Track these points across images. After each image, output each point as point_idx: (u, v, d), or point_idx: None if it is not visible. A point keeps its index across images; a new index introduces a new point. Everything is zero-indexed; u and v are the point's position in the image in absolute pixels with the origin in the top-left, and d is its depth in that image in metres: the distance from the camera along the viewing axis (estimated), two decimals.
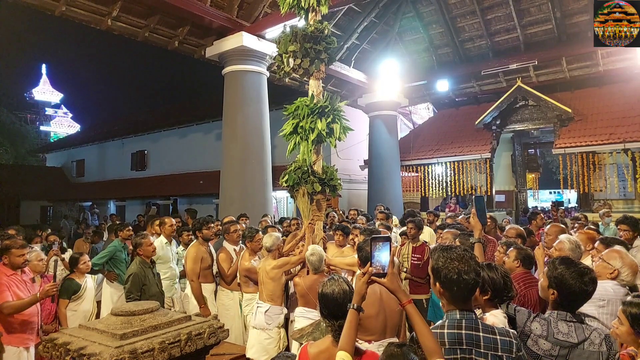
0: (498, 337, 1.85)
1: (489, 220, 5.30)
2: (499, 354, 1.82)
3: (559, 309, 2.23)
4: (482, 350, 1.82)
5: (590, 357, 2.10)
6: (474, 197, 3.27)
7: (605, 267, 2.96)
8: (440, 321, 1.94)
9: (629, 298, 2.34)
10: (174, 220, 6.01)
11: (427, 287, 5.20)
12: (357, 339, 3.10)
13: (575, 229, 5.70)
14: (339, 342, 1.90)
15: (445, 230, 5.03)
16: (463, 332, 1.84)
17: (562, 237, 3.58)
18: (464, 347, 1.82)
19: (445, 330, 1.86)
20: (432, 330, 1.86)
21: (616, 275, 2.91)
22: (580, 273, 2.20)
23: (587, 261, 3.42)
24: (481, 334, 1.84)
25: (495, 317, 2.35)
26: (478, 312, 2.33)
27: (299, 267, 4.55)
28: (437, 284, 1.92)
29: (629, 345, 2.12)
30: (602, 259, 3.03)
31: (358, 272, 2.68)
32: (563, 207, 10.74)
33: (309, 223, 4.41)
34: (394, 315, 3.09)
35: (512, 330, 2.01)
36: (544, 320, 2.22)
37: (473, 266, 1.87)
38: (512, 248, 3.59)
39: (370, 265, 1.86)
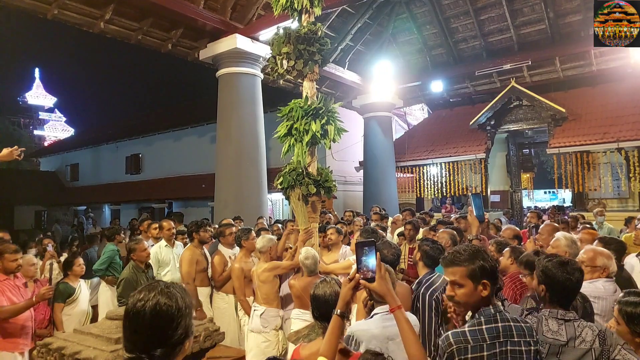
0: (522, 324, 1.91)
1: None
2: (527, 339, 1.88)
3: (552, 305, 2.23)
4: (515, 340, 1.86)
5: (581, 355, 2.09)
6: (471, 194, 3.32)
7: (593, 270, 2.96)
8: (474, 319, 1.93)
9: (620, 295, 2.36)
10: (172, 223, 5.99)
11: None
12: None
13: (579, 229, 5.71)
14: (321, 348, 1.89)
15: (440, 231, 5.04)
16: (499, 325, 1.87)
17: (558, 234, 3.62)
18: (501, 339, 1.85)
19: (484, 327, 1.87)
20: (469, 329, 1.87)
21: (607, 273, 2.94)
22: (562, 263, 2.24)
23: None
24: (512, 323, 1.89)
25: None
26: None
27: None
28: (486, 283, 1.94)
29: (630, 344, 2.12)
30: (586, 264, 2.96)
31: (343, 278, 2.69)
32: (565, 211, 10.76)
33: (305, 230, 4.38)
34: None
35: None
36: (535, 318, 2.24)
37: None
38: (507, 248, 3.66)
39: (358, 271, 1.84)
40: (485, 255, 1.93)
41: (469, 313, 2.29)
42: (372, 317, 2.50)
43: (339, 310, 1.88)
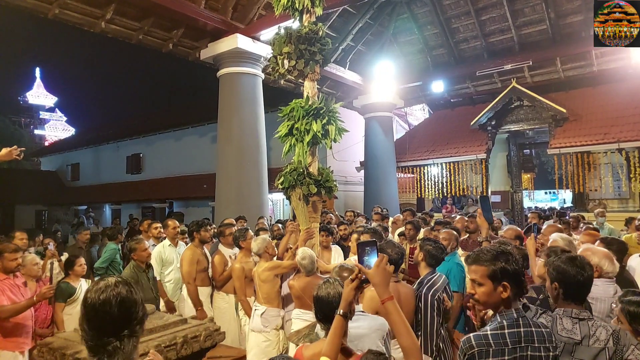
0: (542, 329, 1.92)
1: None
2: (546, 345, 1.89)
3: (567, 303, 2.23)
4: (536, 345, 1.87)
5: (595, 354, 2.08)
6: (479, 196, 3.36)
7: None
8: (495, 322, 1.93)
9: (619, 295, 2.36)
10: (177, 222, 5.99)
11: None
12: None
13: (581, 229, 5.72)
14: (323, 348, 1.88)
15: (442, 231, 5.04)
16: (522, 330, 1.87)
17: (554, 235, 3.68)
18: (523, 344, 1.85)
19: (506, 331, 1.87)
20: (492, 332, 1.87)
21: (600, 272, 2.91)
22: (572, 258, 2.26)
23: None
24: (533, 329, 1.89)
25: None
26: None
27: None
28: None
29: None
30: None
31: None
32: (566, 213, 10.79)
33: (306, 230, 4.38)
34: (408, 317, 3.09)
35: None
36: (550, 317, 2.24)
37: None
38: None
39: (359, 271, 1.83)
40: (509, 257, 1.93)
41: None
42: None
43: (341, 311, 1.87)
